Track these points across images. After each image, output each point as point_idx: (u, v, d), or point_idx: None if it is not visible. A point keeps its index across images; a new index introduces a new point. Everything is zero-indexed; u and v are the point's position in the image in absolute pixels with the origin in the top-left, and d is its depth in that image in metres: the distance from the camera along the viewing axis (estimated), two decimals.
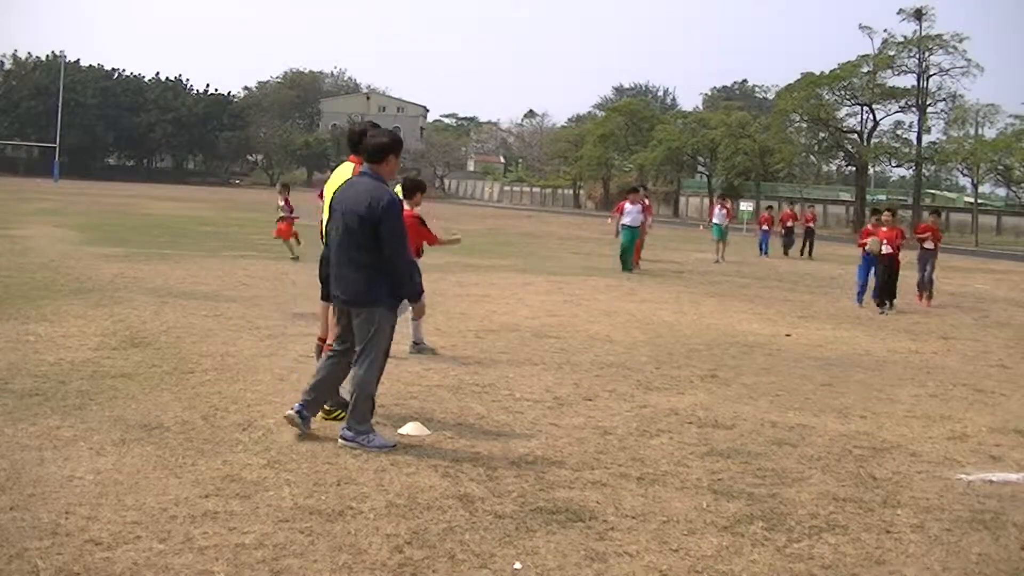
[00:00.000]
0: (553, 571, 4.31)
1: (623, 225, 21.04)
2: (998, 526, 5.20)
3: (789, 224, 32.20)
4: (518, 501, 5.19)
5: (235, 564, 4.18)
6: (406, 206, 8.68)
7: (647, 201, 23.12)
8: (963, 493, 5.80)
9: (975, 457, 6.69)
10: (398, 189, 8.88)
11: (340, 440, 6.06)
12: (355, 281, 6.03)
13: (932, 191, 78.95)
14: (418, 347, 9.52)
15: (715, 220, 26.68)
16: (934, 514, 5.35)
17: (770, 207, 35.06)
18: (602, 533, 4.78)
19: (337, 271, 6.13)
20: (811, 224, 32.56)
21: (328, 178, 7.23)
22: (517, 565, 4.34)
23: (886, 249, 15.78)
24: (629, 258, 20.62)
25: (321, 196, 6.97)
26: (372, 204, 5.92)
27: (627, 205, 21.20)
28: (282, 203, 20.78)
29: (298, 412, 6.18)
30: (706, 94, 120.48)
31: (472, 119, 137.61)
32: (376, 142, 6.21)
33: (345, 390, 6.39)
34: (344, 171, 6.81)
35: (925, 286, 17.30)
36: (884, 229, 16.05)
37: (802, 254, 30.91)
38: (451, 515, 4.92)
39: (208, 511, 4.78)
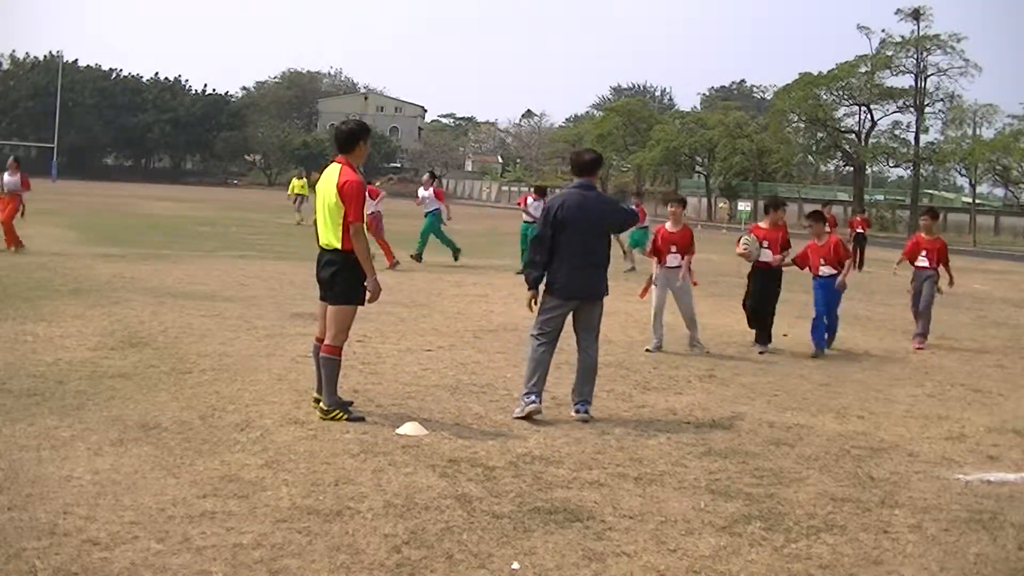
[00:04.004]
0: (551, 571, 4.31)
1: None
2: (996, 526, 5.21)
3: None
4: (516, 501, 5.19)
5: (233, 564, 4.18)
6: (764, 224, 11.23)
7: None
8: (961, 493, 5.80)
9: (973, 457, 6.69)
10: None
11: (581, 415, 7.09)
12: (600, 278, 7.34)
13: (930, 191, 79.03)
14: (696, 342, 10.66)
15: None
16: (932, 514, 5.36)
17: None
18: (600, 533, 4.79)
19: (582, 272, 7.22)
20: (861, 230, 27.12)
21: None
22: (515, 565, 4.34)
23: (765, 256, 10.95)
24: None
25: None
26: (618, 212, 7.62)
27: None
28: (8, 176, 18.24)
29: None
30: (704, 94, 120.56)
31: (470, 119, 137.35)
32: (589, 158, 7.46)
33: (343, 391, 6.39)
34: (332, 172, 6.72)
35: (918, 321, 12.32)
36: (763, 226, 11.23)
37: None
38: (449, 515, 4.92)
39: (206, 511, 4.78)
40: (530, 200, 20.83)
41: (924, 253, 12.49)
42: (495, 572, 4.28)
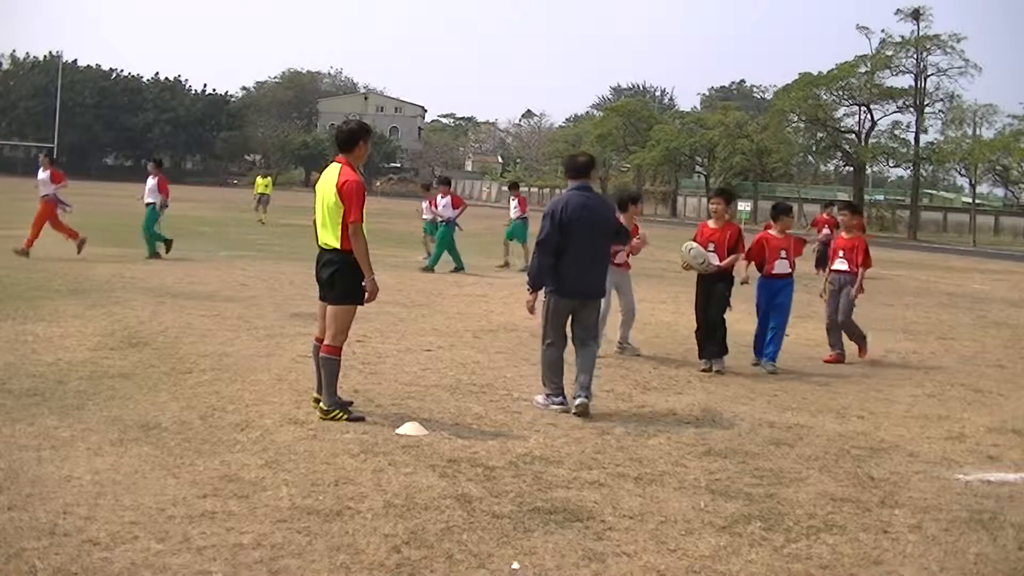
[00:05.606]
0: (551, 571, 4.31)
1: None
2: (996, 526, 5.21)
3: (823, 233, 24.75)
4: (516, 501, 5.19)
5: (233, 564, 4.18)
6: (713, 224, 9.98)
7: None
8: (961, 493, 5.81)
9: (973, 457, 6.70)
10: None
11: (581, 400, 7.12)
12: (603, 278, 7.60)
13: (930, 191, 79.08)
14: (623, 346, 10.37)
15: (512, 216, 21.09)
16: (932, 514, 5.36)
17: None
18: (600, 533, 4.79)
19: (590, 271, 7.39)
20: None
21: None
22: (515, 565, 4.34)
23: (714, 262, 9.54)
24: None
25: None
26: (615, 217, 7.92)
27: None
28: None
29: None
30: (704, 94, 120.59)
31: (470, 119, 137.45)
32: (583, 161, 7.59)
33: (343, 391, 6.39)
34: (332, 172, 6.72)
35: (835, 332, 10.68)
36: (711, 224, 9.83)
37: None
38: (449, 515, 4.92)
39: (206, 511, 4.78)
40: (439, 199, 19.46)
41: (842, 254, 10.72)
42: (495, 572, 4.28)
